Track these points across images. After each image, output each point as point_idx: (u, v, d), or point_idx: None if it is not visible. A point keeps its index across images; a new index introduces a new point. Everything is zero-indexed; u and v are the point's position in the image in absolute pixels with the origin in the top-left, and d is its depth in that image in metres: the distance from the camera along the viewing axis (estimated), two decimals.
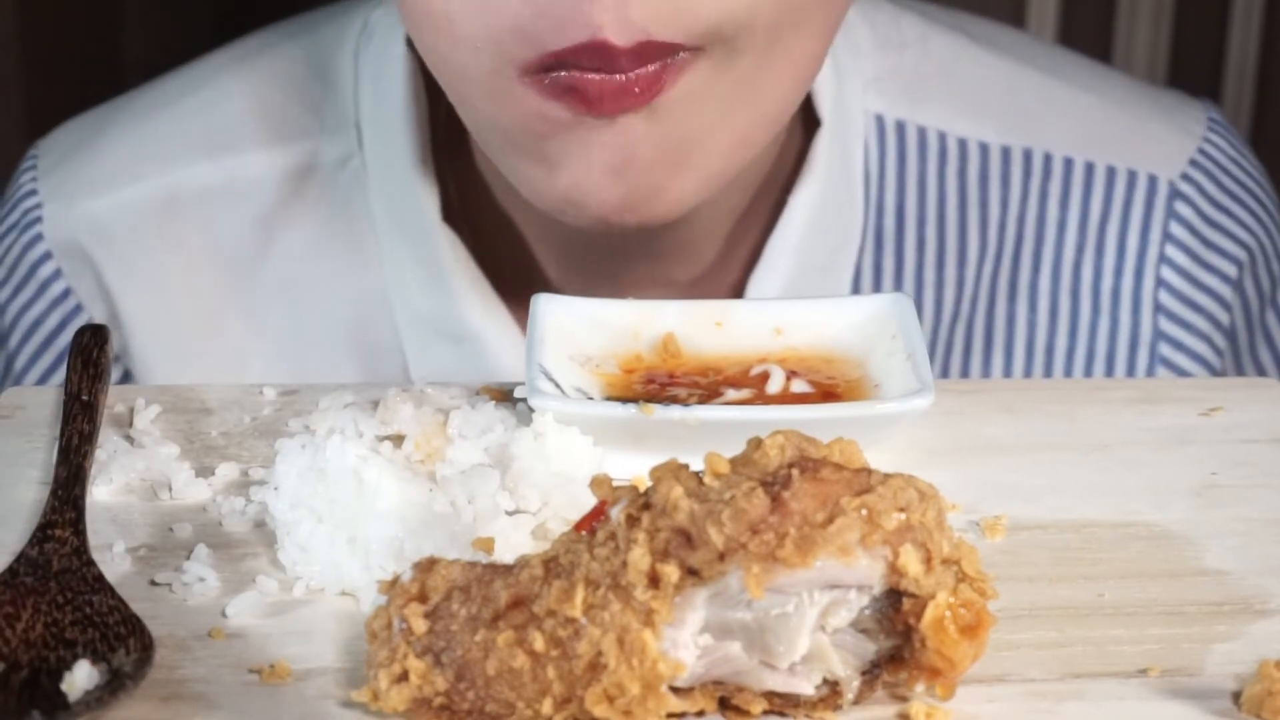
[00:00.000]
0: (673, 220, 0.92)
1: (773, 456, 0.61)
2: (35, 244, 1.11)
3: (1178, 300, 1.13)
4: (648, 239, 1.03)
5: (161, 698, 0.63)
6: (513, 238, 1.07)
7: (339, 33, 1.11)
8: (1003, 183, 1.12)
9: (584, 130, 0.87)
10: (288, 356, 1.10)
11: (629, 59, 0.84)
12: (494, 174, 1.05)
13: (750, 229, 1.08)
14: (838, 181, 1.08)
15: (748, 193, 1.05)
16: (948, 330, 1.13)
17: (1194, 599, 0.69)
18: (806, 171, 1.07)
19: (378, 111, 1.08)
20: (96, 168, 1.11)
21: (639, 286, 1.05)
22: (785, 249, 1.06)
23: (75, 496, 0.72)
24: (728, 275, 1.08)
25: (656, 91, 0.85)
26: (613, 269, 1.05)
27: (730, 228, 1.06)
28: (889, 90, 1.11)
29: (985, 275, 1.12)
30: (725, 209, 1.04)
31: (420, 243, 1.06)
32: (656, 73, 0.85)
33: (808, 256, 1.07)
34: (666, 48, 0.84)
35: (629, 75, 0.84)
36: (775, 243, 1.06)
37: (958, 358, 1.13)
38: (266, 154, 1.10)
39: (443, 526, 0.70)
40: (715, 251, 1.06)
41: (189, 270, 1.10)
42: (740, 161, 0.92)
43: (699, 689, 0.62)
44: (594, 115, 0.86)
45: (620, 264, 1.05)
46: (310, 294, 1.10)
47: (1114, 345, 1.13)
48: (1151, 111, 1.16)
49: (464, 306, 1.06)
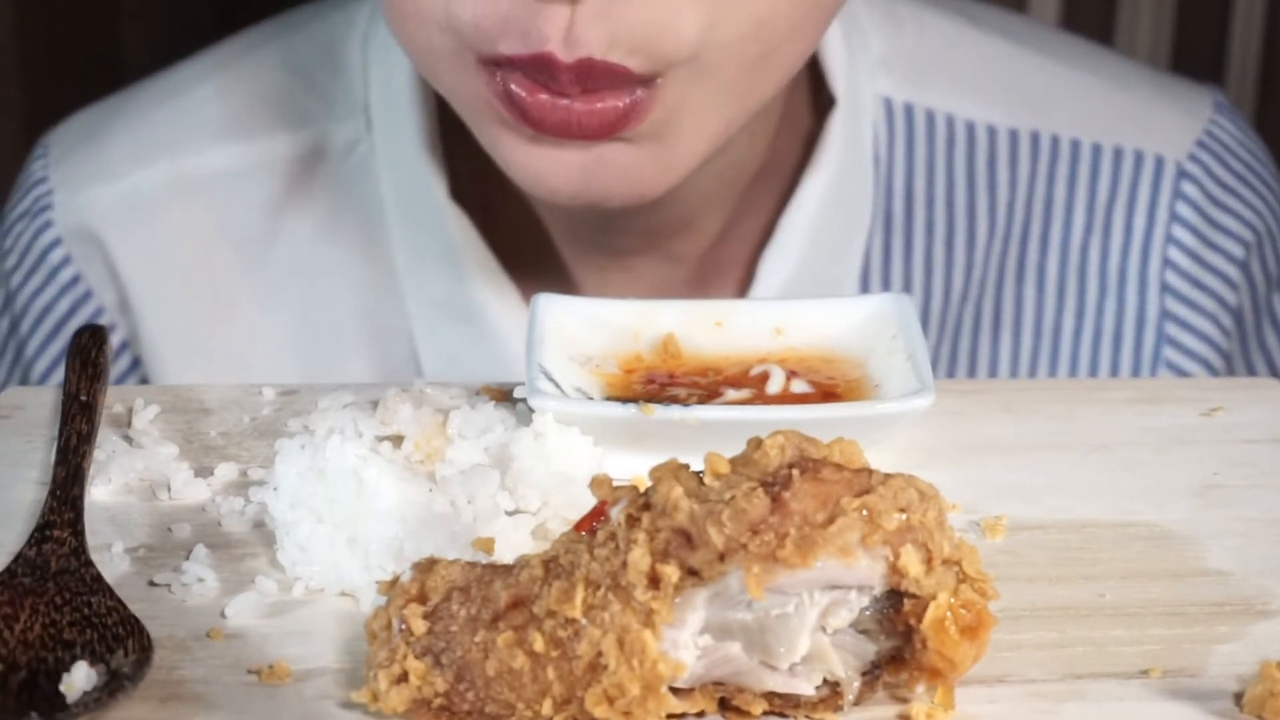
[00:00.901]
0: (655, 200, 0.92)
1: (773, 456, 0.61)
2: (45, 230, 1.11)
3: (1184, 280, 1.13)
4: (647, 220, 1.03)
5: (160, 699, 0.62)
6: (522, 217, 1.07)
7: (347, 19, 1.12)
8: (1011, 165, 1.13)
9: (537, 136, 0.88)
10: (297, 341, 1.11)
11: (570, 78, 0.85)
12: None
13: (759, 207, 1.08)
14: (850, 163, 1.09)
15: (748, 169, 1.05)
16: (956, 311, 1.13)
17: (1195, 599, 0.69)
18: (821, 152, 1.07)
19: (386, 95, 1.08)
20: (107, 154, 1.11)
21: (649, 265, 1.06)
22: (797, 228, 1.07)
23: (74, 497, 0.72)
24: (738, 251, 1.09)
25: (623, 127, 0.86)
26: (620, 246, 1.06)
27: (733, 203, 1.06)
28: (895, 71, 1.11)
29: (994, 257, 1.13)
30: (728, 184, 1.05)
31: (430, 224, 1.07)
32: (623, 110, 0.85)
33: (820, 237, 1.08)
34: (607, 71, 0.85)
35: (573, 102, 0.85)
36: (787, 222, 1.07)
37: (966, 339, 1.14)
38: (276, 139, 1.10)
39: (442, 526, 0.70)
40: (718, 227, 1.07)
41: (199, 255, 1.11)
42: (719, 146, 0.93)
43: (699, 690, 0.62)
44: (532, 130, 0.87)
45: (627, 241, 1.05)
46: (320, 278, 1.11)
47: (1120, 325, 1.14)
48: (1157, 93, 1.16)
49: (474, 287, 1.06)
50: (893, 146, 1.11)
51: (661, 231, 1.05)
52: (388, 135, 1.08)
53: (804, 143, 1.09)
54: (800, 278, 1.07)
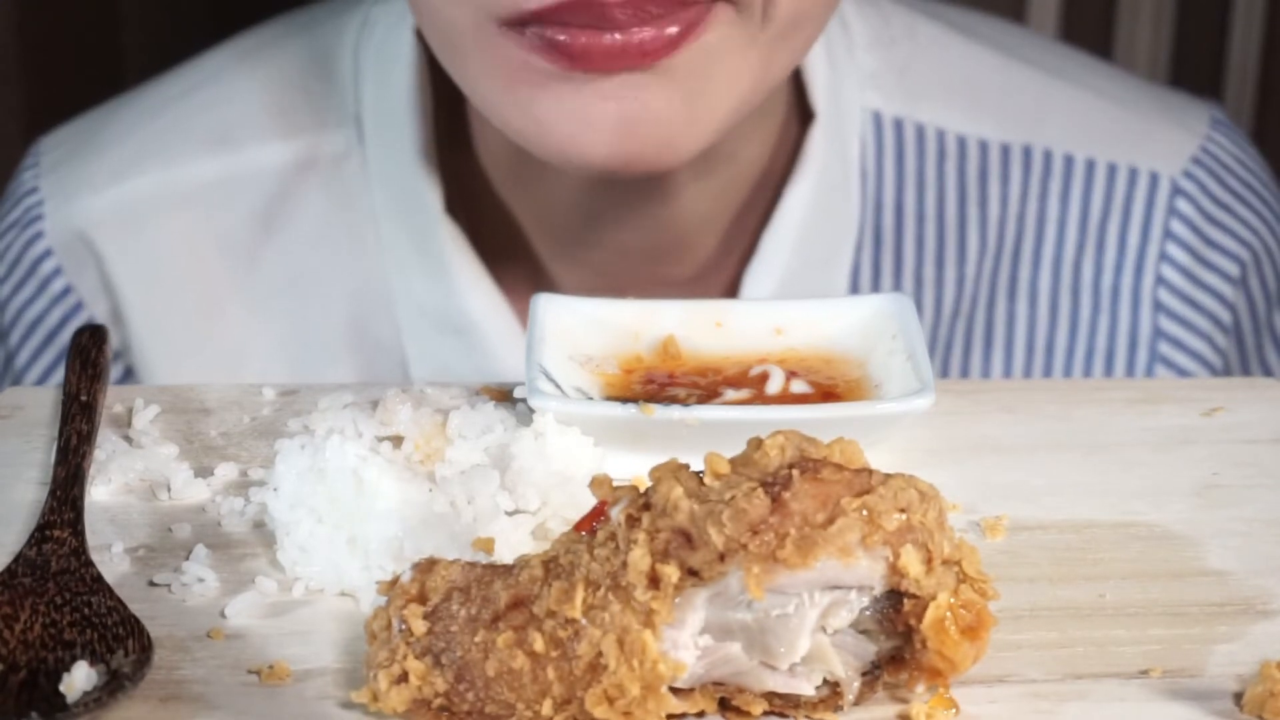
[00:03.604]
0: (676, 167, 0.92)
1: (773, 457, 0.61)
2: (36, 241, 1.11)
3: (1178, 298, 1.13)
4: (644, 240, 1.03)
5: (160, 699, 0.62)
6: (513, 231, 1.07)
7: (339, 28, 1.12)
8: (1002, 180, 1.12)
9: (576, 84, 0.86)
10: (288, 350, 1.11)
11: (625, 14, 0.84)
12: (495, 166, 1.06)
13: (746, 225, 1.08)
14: (833, 176, 1.08)
15: (745, 188, 1.05)
16: (948, 328, 1.13)
17: (1195, 599, 0.69)
18: (801, 166, 1.07)
19: (380, 104, 1.08)
20: (98, 164, 1.11)
21: (638, 284, 1.05)
22: (781, 244, 1.06)
23: (74, 497, 0.72)
24: (724, 272, 1.08)
25: (670, 51, 0.85)
26: (611, 266, 1.05)
27: (727, 225, 1.06)
28: (885, 86, 1.11)
29: (985, 273, 1.12)
30: (723, 205, 1.04)
31: (422, 234, 1.06)
32: (673, 37, 0.85)
33: (804, 252, 1.07)
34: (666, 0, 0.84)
35: (630, 35, 0.84)
36: (770, 238, 1.06)
37: (958, 355, 1.13)
38: (267, 149, 1.10)
39: (442, 526, 0.70)
40: (712, 248, 1.06)
41: (191, 264, 1.11)
42: (739, 117, 0.92)
43: (699, 690, 0.62)
44: (582, 71, 0.85)
45: (618, 261, 1.05)
46: (311, 288, 1.11)
47: (1113, 343, 1.13)
48: (1153, 109, 1.16)
49: (465, 298, 1.06)
50: (881, 160, 1.11)
51: (657, 254, 1.05)
52: (382, 145, 1.08)
53: (789, 158, 1.09)
54: (786, 292, 1.06)
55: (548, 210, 1.04)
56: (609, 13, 0.83)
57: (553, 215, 1.04)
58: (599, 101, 0.87)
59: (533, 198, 1.05)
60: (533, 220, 1.06)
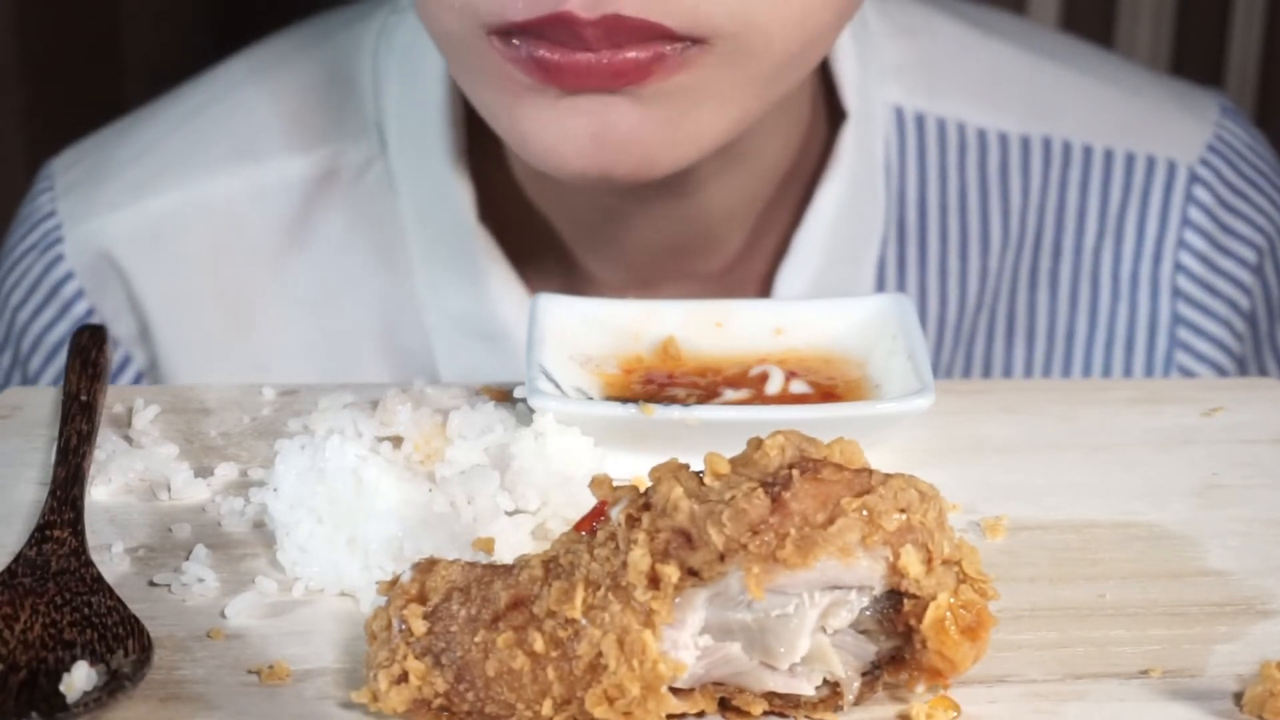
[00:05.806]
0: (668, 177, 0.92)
1: (773, 457, 0.61)
2: (56, 264, 1.10)
3: (1196, 285, 1.14)
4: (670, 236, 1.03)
5: (160, 699, 0.62)
6: (544, 233, 1.07)
7: (355, 38, 1.12)
8: (1023, 172, 1.13)
9: (551, 98, 0.87)
10: (316, 359, 1.11)
11: (595, 33, 0.84)
12: (526, 171, 1.06)
13: (776, 221, 1.08)
14: (862, 174, 1.09)
15: (770, 183, 1.05)
16: (971, 319, 1.13)
17: (1195, 599, 0.69)
18: (833, 164, 1.07)
19: (405, 112, 1.08)
20: (117, 183, 1.11)
21: (672, 284, 1.06)
22: (813, 241, 1.07)
23: (74, 497, 0.72)
24: (756, 267, 1.09)
25: (638, 79, 0.85)
26: (643, 264, 1.05)
27: (755, 219, 1.06)
28: (906, 81, 1.11)
29: (1007, 264, 1.13)
30: (749, 200, 1.05)
31: (452, 241, 1.06)
32: (643, 62, 0.85)
33: (835, 248, 1.08)
34: (641, 27, 0.84)
35: (600, 55, 0.85)
36: (803, 235, 1.07)
37: (980, 346, 1.14)
38: (289, 161, 1.10)
39: (442, 526, 0.70)
40: (741, 243, 1.07)
41: (217, 277, 1.10)
42: (730, 138, 0.92)
43: (699, 690, 0.62)
44: (555, 86, 0.86)
45: (650, 259, 1.05)
46: (338, 297, 1.11)
47: (1133, 330, 1.14)
48: (1165, 98, 1.16)
49: (496, 304, 1.06)
50: (904, 156, 1.11)
51: (685, 249, 1.05)
52: (408, 153, 1.08)
53: (819, 155, 1.09)
54: (817, 290, 1.07)
55: (575, 208, 1.05)
56: (581, 31, 0.84)
57: (580, 213, 1.05)
58: (572, 116, 0.87)
59: (560, 197, 1.05)
60: (565, 219, 1.06)
